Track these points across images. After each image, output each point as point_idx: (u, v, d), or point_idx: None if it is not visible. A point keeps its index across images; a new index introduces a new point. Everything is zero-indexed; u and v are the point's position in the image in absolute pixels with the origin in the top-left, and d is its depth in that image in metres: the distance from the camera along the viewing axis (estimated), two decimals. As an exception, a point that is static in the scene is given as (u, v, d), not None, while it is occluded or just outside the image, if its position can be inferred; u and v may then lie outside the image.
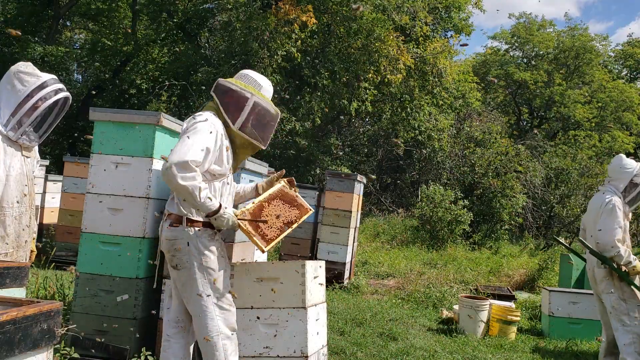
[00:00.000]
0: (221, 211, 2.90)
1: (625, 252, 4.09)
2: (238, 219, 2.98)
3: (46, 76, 3.13)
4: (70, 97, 3.29)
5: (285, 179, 3.38)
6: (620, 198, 4.21)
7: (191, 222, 2.94)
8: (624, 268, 4.15)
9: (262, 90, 3.09)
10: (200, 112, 2.99)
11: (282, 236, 3.16)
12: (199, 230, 2.94)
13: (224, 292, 3.00)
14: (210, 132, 2.86)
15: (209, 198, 2.85)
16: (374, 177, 16.03)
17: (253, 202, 3.16)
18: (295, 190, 3.35)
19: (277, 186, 3.30)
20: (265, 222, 3.07)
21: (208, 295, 2.94)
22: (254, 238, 3.04)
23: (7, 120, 3.01)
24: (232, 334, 3.01)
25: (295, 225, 3.24)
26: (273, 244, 3.10)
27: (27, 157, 3.20)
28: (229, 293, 3.05)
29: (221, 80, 3.08)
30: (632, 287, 4.14)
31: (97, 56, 18.33)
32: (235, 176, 3.82)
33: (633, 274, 4.13)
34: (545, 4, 54.88)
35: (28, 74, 3.06)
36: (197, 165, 2.77)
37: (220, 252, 3.02)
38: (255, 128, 3.02)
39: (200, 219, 2.95)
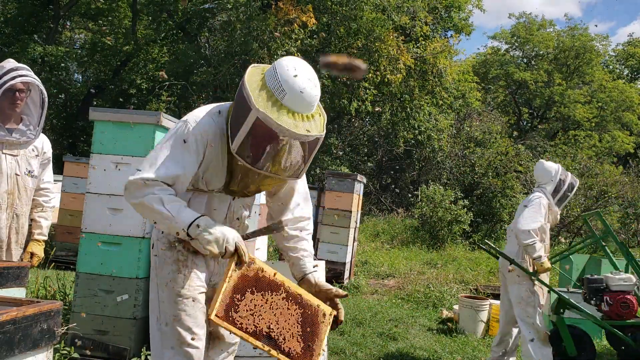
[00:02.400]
0: (201, 227, 2.10)
1: (538, 246, 4.19)
2: None
3: (9, 65, 3.11)
4: (39, 83, 3.22)
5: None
6: (548, 200, 4.36)
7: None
8: (531, 268, 4.28)
9: (284, 98, 1.99)
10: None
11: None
12: (161, 232, 2.28)
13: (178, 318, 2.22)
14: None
15: None
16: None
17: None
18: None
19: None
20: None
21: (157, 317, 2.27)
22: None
23: None
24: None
25: None
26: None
27: (13, 155, 3.18)
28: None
29: (248, 73, 2.08)
30: (541, 284, 4.31)
31: (97, 56, 18.33)
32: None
33: (540, 271, 4.24)
34: (548, 4, 54.90)
35: None
36: None
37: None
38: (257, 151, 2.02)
39: None
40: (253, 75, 2.06)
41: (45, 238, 3.57)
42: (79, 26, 22.03)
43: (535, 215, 4.23)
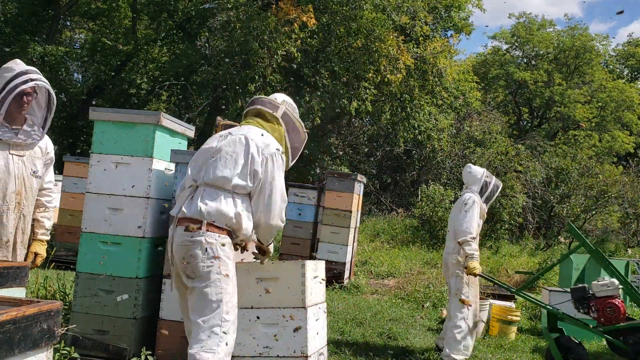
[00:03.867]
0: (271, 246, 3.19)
1: (474, 245, 4.63)
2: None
3: (19, 68, 3.10)
4: (46, 85, 3.21)
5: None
6: (478, 198, 4.88)
7: (215, 227, 2.76)
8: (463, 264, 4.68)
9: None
10: (265, 136, 2.92)
11: None
12: (219, 236, 2.77)
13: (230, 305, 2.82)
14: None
15: None
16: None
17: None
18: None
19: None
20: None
21: (217, 307, 2.75)
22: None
23: None
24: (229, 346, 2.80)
25: None
26: None
27: (20, 155, 3.18)
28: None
29: (289, 112, 3.10)
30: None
31: (97, 56, 18.33)
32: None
33: (468, 272, 4.57)
34: (549, 5, 54.84)
35: (6, 70, 3.06)
36: None
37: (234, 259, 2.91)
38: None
39: (224, 227, 2.78)
40: (296, 117, 3.12)
41: (48, 238, 3.58)
42: (79, 26, 22.03)
43: (473, 215, 4.69)
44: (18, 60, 3.20)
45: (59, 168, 9.57)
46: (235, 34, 13.13)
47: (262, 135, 2.91)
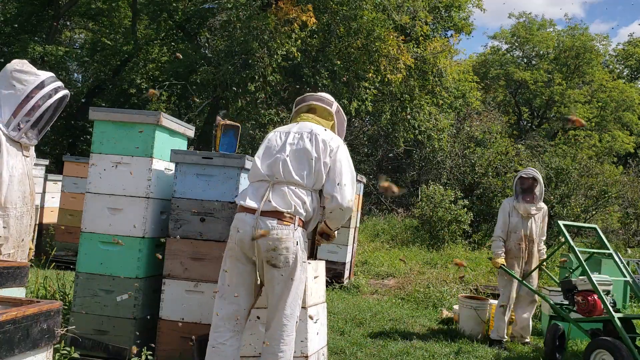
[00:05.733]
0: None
1: (495, 243, 5.59)
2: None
3: (44, 74, 3.12)
4: (69, 95, 3.27)
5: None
6: (508, 202, 5.59)
7: (301, 222, 3.04)
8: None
9: None
10: (328, 131, 3.18)
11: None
12: (304, 231, 3.08)
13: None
14: None
15: None
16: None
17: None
18: None
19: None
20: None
21: (299, 297, 3.07)
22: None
23: (8, 121, 2.99)
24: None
25: None
26: None
27: (27, 156, 3.20)
28: None
29: (339, 108, 3.43)
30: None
31: (97, 56, 18.32)
32: (235, 175, 3.82)
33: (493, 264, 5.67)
34: (550, 5, 54.81)
35: (26, 73, 3.05)
36: None
37: None
38: None
39: (305, 221, 3.09)
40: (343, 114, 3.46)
41: (33, 234, 3.59)
42: (79, 26, 22.03)
43: (499, 219, 5.63)
44: (27, 62, 3.19)
45: (58, 168, 9.55)
46: (235, 33, 13.12)
47: (325, 130, 3.17)
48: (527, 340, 5.64)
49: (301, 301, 3.09)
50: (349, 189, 3.07)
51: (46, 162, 8.76)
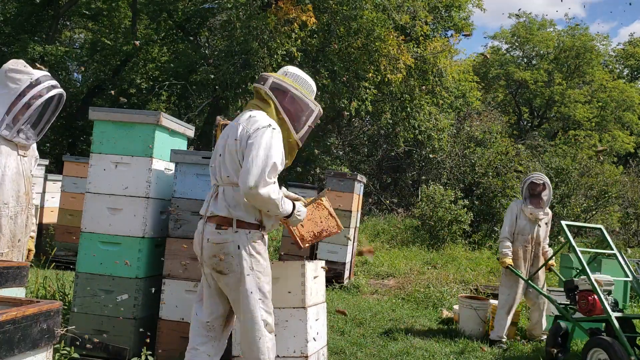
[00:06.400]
0: (295, 211, 2.92)
1: (502, 243, 5.72)
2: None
3: (38, 73, 3.10)
4: (64, 94, 3.25)
5: (325, 196, 3.45)
6: (516, 204, 5.79)
7: (241, 224, 2.82)
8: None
9: (313, 94, 3.14)
10: (256, 116, 2.85)
11: (314, 241, 3.35)
12: (249, 232, 2.84)
13: (268, 296, 2.91)
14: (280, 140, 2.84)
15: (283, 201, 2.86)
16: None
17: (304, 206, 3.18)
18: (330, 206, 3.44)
19: (323, 198, 3.41)
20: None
21: (258, 299, 2.85)
22: (295, 235, 3.21)
23: (2, 119, 2.98)
24: (273, 335, 2.93)
25: (326, 235, 3.41)
26: (307, 245, 3.31)
27: (24, 156, 3.19)
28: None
29: (280, 81, 2.96)
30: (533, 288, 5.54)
31: (96, 56, 18.32)
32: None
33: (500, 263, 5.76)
34: (551, 5, 54.79)
35: (19, 72, 3.04)
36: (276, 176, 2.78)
37: (267, 255, 2.95)
38: (306, 135, 3.04)
39: (252, 221, 2.84)
40: (291, 86, 2.97)
41: (35, 234, 3.59)
42: (79, 26, 22.02)
43: (505, 220, 5.80)
44: (22, 62, 3.18)
45: (58, 168, 9.55)
46: (235, 33, 13.13)
47: (250, 117, 2.87)
48: (543, 338, 5.68)
49: (268, 300, 2.89)
50: (253, 169, 2.68)
51: (46, 162, 8.76)
